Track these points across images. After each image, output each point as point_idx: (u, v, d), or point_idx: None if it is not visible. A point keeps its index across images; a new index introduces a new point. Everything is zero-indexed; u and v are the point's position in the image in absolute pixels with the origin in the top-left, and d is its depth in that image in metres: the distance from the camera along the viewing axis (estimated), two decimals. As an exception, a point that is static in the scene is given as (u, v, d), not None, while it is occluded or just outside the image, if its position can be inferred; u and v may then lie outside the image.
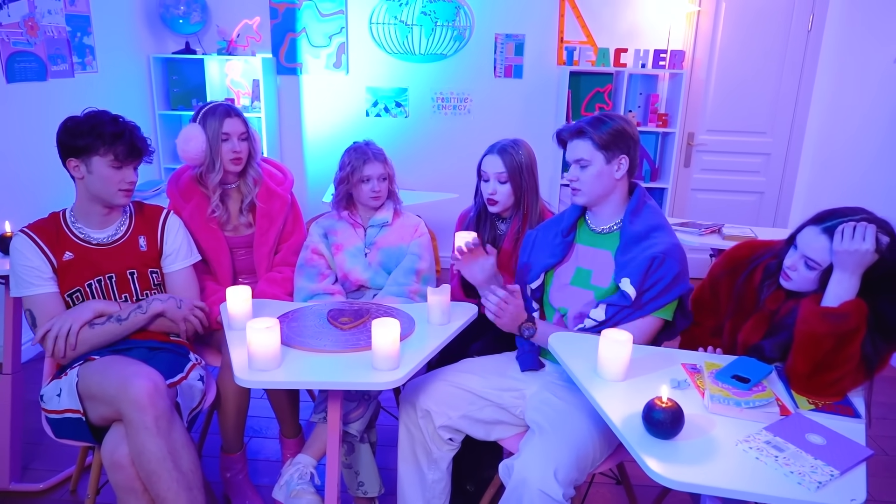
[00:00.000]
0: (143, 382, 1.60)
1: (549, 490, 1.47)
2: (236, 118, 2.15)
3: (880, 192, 3.44)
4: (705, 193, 4.45)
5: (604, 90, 4.19)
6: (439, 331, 1.77)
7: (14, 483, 2.22)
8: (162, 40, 4.29)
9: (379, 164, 2.15)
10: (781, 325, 1.58)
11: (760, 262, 1.68)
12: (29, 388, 2.57)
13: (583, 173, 1.75)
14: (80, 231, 1.90)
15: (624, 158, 1.73)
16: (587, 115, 1.78)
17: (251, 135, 2.20)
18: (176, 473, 1.61)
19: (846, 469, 1.19)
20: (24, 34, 3.06)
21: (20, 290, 1.83)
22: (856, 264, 1.42)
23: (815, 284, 1.52)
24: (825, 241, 1.48)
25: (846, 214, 1.48)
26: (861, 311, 1.41)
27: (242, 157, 2.17)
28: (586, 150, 1.74)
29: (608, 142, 1.71)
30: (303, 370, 1.55)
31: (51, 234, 1.86)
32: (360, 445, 1.96)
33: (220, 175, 2.15)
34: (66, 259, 1.85)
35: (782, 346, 1.55)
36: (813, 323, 1.43)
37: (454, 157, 4.46)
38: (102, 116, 1.83)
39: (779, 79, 4.18)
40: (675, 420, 1.26)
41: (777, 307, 1.61)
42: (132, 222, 1.99)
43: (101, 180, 1.83)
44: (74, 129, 1.80)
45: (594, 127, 1.73)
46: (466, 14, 4.23)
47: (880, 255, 1.42)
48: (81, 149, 1.80)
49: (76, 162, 1.82)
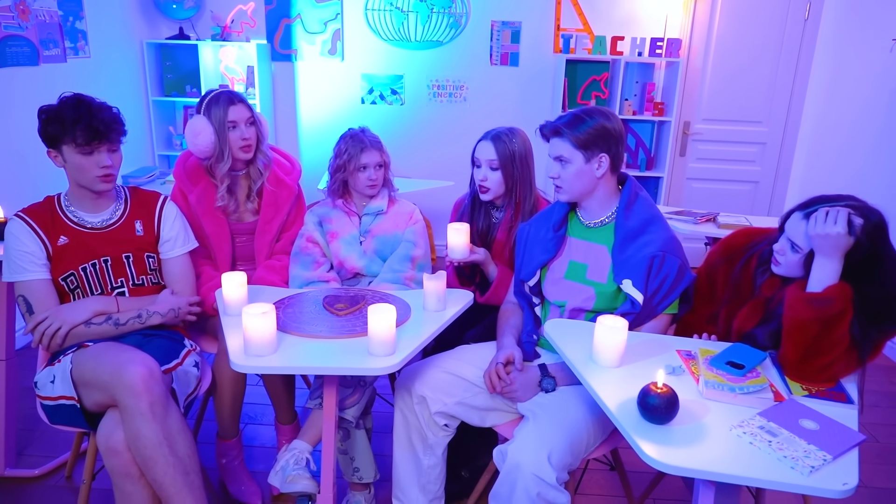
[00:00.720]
0: (137, 368, 1.60)
1: (542, 474, 1.48)
2: (240, 104, 2.12)
3: (875, 181, 3.45)
4: (701, 182, 4.46)
5: (600, 78, 4.18)
6: (435, 317, 1.78)
7: (9, 469, 2.22)
8: (155, 25, 4.25)
9: (376, 153, 2.14)
10: (774, 314, 1.59)
11: (757, 250, 1.69)
12: (23, 374, 2.56)
13: (563, 171, 1.74)
14: (75, 215, 1.89)
15: (604, 157, 1.71)
16: (569, 111, 1.75)
17: (257, 119, 2.18)
18: (172, 458, 1.61)
19: (839, 454, 1.20)
20: (16, 18, 3.02)
21: (13, 275, 1.81)
22: (832, 248, 1.43)
23: (802, 269, 1.53)
24: (806, 226, 1.50)
25: (831, 200, 1.49)
26: (845, 295, 1.42)
27: (252, 143, 2.15)
28: (565, 149, 1.72)
29: (587, 141, 1.69)
30: (299, 356, 1.55)
31: (46, 219, 1.85)
32: (355, 431, 1.97)
33: (228, 164, 2.13)
34: (61, 244, 1.84)
35: (774, 334, 1.56)
36: (798, 308, 1.44)
37: (450, 145, 4.44)
38: (68, 101, 1.77)
39: (775, 68, 4.18)
40: (669, 405, 1.26)
41: (773, 294, 1.61)
42: (127, 206, 1.97)
43: (76, 169, 1.79)
44: (44, 118, 1.77)
45: (571, 127, 1.70)
46: (462, 1, 4.21)
47: (855, 238, 1.43)
48: (52, 138, 1.77)
49: (54, 152, 1.80)
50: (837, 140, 3.85)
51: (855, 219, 1.43)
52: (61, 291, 1.85)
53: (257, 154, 2.19)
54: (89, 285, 1.88)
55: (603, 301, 1.76)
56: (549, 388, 1.74)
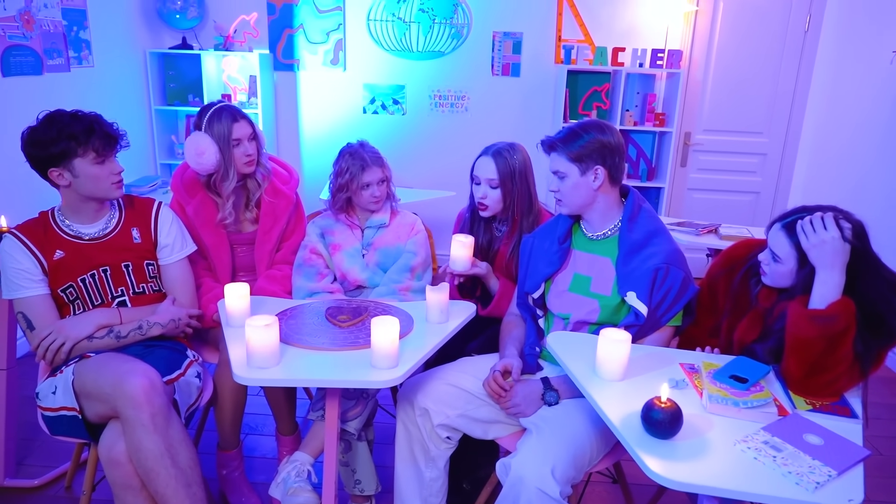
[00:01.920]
0: (139, 380, 1.59)
1: (546, 488, 1.48)
2: (243, 121, 2.10)
3: (876, 193, 3.45)
4: (702, 193, 4.46)
5: (601, 89, 4.20)
6: (438, 329, 1.77)
7: (8, 479, 2.21)
8: (158, 35, 4.27)
9: (378, 169, 2.13)
10: (772, 329, 1.58)
11: (755, 261, 1.69)
12: (24, 383, 2.56)
13: (562, 185, 1.77)
14: (70, 227, 1.88)
15: (599, 169, 1.72)
16: (566, 126, 1.78)
17: (258, 133, 2.17)
18: (174, 470, 1.61)
19: (844, 469, 1.20)
20: (20, 28, 3.04)
21: (10, 292, 1.81)
22: (831, 256, 1.43)
23: (790, 279, 1.54)
24: (784, 237, 1.52)
25: (811, 211, 1.50)
26: (849, 311, 1.41)
27: (255, 158, 2.15)
28: (561, 164, 1.75)
29: (580, 155, 1.71)
30: (301, 368, 1.55)
31: (39, 235, 1.83)
32: (357, 443, 1.96)
33: (234, 182, 2.11)
34: (58, 258, 1.83)
35: (774, 351, 1.55)
36: (802, 326, 1.43)
37: (451, 155, 4.45)
38: (62, 118, 1.76)
39: (776, 79, 4.19)
40: (673, 420, 1.26)
41: (771, 305, 1.62)
42: (122, 215, 1.96)
43: (91, 180, 1.79)
44: (42, 139, 1.74)
45: (565, 142, 1.73)
46: (464, 11, 4.23)
47: (850, 243, 1.43)
48: (57, 156, 1.75)
49: (58, 171, 1.77)
50: (838, 151, 3.86)
51: (843, 223, 1.44)
52: (61, 303, 1.85)
53: (257, 167, 2.18)
54: (89, 296, 1.88)
55: (607, 313, 1.76)
56: (552, 402, 1.74)
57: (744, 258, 1.73)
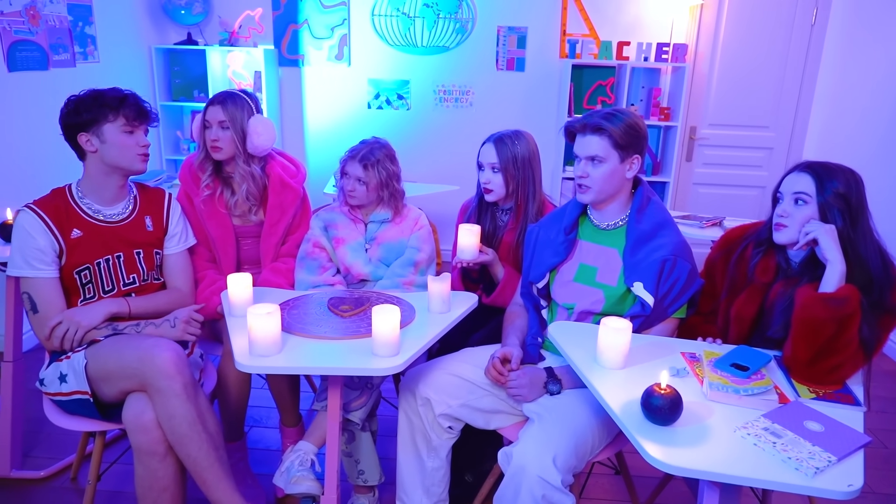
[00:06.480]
0: (167, 353, 1.66)
1: (547, 476, 1.48)
2: (217, 106, 2.11)
3: (883, 187, 3.43)
4: (707, 188, 4.45)
5: (606, 83, 4.18)
6: (439, 319, 1.78)
7: (15, 470, 2.23)
8: (164, 31, 4.29)
9: (358, 166, 2.10)
10: (773, 310, 1.61)
11: (751, 240, 1.70)
12: (30, 376, 2.57)
13: (594, 170, 1.71)
14: (90, 207, 1.89)
15: (637, 158, 1.72)
16: (592, 108, 1.76)
17: (238, 127, 2.10)
18: (205, 435, 1.70)
19: (844, 455, 1.20)
20: (26, 23, 3.05)
21: (20, 269, 1.79)
22: (829, 243, 1.48)
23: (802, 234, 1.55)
24: (808, 177, 1.55)
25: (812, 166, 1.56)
26: (856, 295, 1.44)
27: (219, 146, 2.11)
28: (601, 148, 1.68)
29: (626, 141, 1.68)
30: (303, 356, 1.56)
31: (59, 211, 1.84)
32: (360, 434, 1.97)
33: (202, 155, 2.15)
34: (75, 237, 1.84)
35: (787, 326, 1.56)
36: (815, 309, 1.44)
37: (456, 150, 4.45)
38: (102, 90, 1.86)
39: (782, 73, 4.17)
40: (673, 406, 1.26)
41: (769, 280, 1.63)
42: (137, 203, 1.99)
43: (117, 147, 1.83)
44: (78, 105, 1.82)
45: (611, 121, 1.67)
46: (469, 6, 4.22)
47: (834, 222, 1.50)
48: (89, 122, 1.81)
49: (87, 136, 1.82)
50: (845, 145, 3.84)
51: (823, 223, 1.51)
52: (72, 286, 1.85)
53: (235, 165, 2.15)
54: (101, 280, 1.89)
55: (612, 304, 1.76)
56: (554, 391, 1.74)
57: (739, 238, 1.75)
